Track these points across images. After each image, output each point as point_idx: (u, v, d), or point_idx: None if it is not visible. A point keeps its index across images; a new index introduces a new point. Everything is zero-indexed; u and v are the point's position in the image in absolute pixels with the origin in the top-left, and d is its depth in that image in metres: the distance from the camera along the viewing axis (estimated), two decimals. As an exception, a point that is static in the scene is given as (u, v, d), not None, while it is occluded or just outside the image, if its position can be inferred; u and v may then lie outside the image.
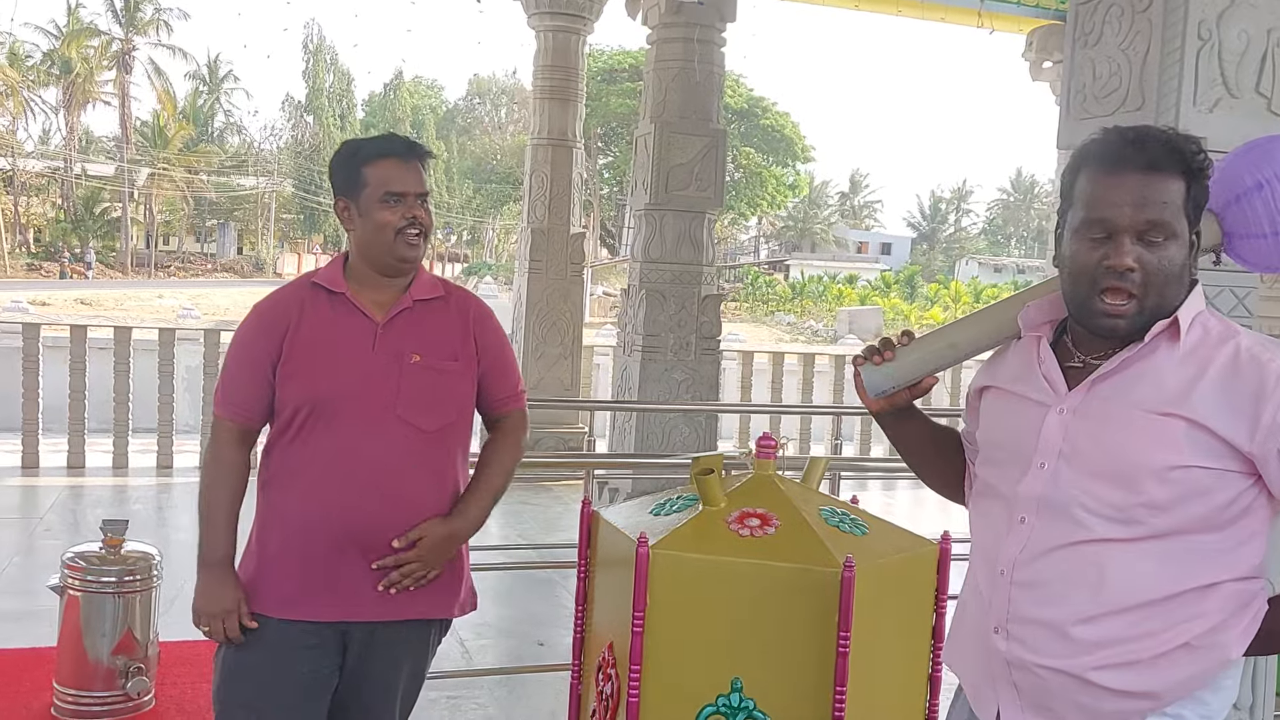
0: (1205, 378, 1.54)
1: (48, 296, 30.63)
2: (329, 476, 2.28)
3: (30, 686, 3.94)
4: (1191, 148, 1.58)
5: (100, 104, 52.53)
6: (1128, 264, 1.53)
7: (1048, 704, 1.65)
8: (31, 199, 50.66)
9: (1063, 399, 1.64)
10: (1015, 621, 1.64)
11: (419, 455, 2.33)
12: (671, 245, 7.15)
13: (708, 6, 6.94)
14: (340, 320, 2.34)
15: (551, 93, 8.93)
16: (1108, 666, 1.58)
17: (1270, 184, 1.66)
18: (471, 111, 62.27)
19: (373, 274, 2.37)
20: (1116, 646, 1.58)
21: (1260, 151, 1.71)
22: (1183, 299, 1.59)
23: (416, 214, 2.31)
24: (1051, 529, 1.61)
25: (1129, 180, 1.54)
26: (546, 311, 9.04)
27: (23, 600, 4.92)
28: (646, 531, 2.44)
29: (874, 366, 1.79)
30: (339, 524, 2.27)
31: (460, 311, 2.44)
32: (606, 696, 2.59)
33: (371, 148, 2.35)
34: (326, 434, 2.29)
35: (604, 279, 41.47)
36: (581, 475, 6.06)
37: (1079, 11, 2.75)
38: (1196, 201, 1.58)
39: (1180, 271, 1.57)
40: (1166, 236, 1.54)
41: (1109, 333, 1.59)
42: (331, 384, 2.29)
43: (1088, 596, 1.58)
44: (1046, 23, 9.70)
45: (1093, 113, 2.69)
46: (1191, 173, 1.56)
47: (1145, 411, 1.56)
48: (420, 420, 2.32)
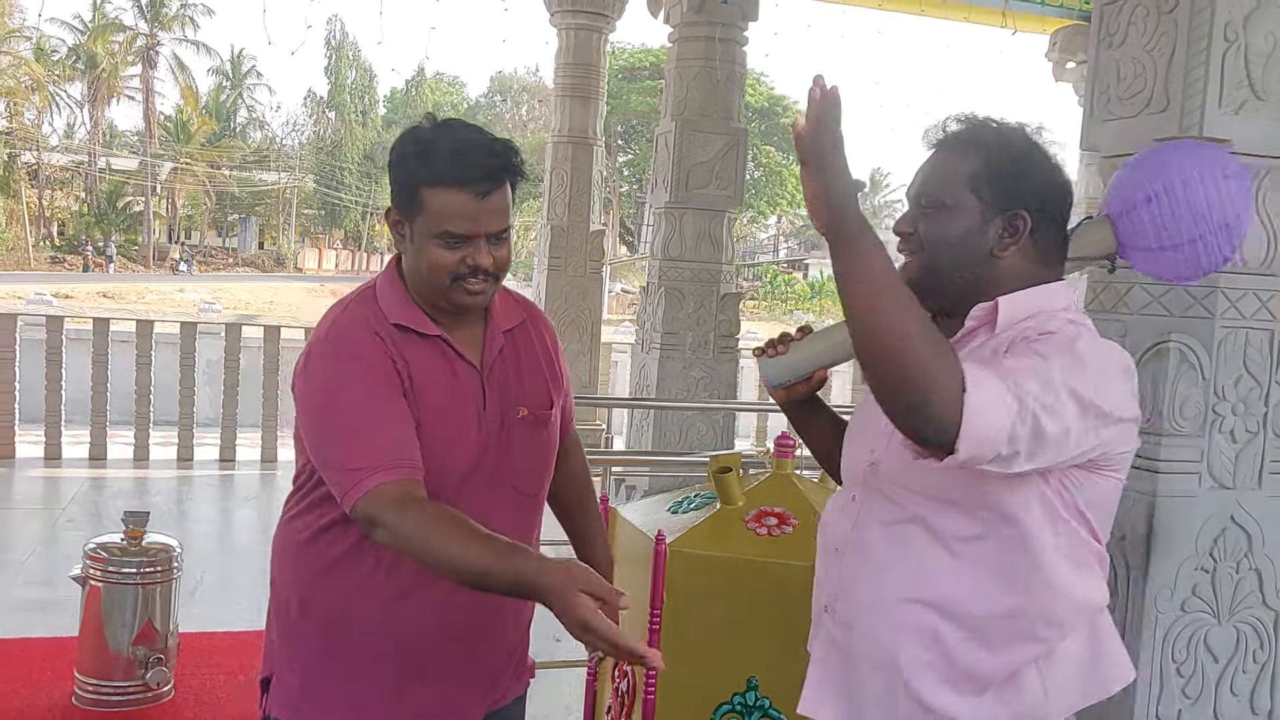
0: (994, 350, 1.54)
1: (70, 289, 30.88)
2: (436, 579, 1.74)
3: (52, 675, 3.98)
4: (987, 133, 1.61)
5: (124, 99, 52.88)
6: (900, 228, 1.63)
7: (855, 699, 1.64)
8: (55, 192, 51.04)
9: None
10: (845, 600, 1.65)
11: (529, 528, 1.93)
12: (691, 243, 7.14)
13: (730, 5, 6.93)
14: (447, 370, 1.82)
15: (573, 90, 8.93)
16: (928, 666, 1.56)
17: (1159, 198, 1.65)
18: (493, 108, 62.33)
19: (428, 305, 1.84)
20: (934, 642, 1.56)
21: (1153, 162, 1.70)
22: (990, 279, 1.58)
23: (482, 264, 1.76)
24: (876, 507, 1.62)
25: (926, 158, 1.65)
26: (565, 309, 9.05)
27: (45, 590, 4.97)
28: (664, 529, 2.45)
29: (769, 360, 1.81)
30: (452, 624, 1.84)
31: (542, 338, 2.00)
32: (622, 693, 2.59)
33: (438, 168, 1.73)
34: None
35: (622, 276, 41.47)
36: (598, 472, 6.08)
37: (1104, 12, 2.74)
38: (995, 179, 1.57)
39: (960, 243, 1.57)
40: (933, 206, 1.59)
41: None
42: (451, 450, 1.79)
43: (905, 578, 1.58)
44: (1070, 23, 9.65)
45: (1117, 114, 2.68)
46: (991, 150, 1.59)
47: None
48: (529, 486, 1.92)
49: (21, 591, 5.04)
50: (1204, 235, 1.65)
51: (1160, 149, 1.73)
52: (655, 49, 39.47)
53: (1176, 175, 1.65)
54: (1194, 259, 1.67)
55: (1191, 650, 2.59)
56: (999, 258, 1.59)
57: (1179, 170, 1.66)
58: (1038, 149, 1.62)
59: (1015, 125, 1.63)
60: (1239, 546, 2.60)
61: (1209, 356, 2.53)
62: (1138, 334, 2.61)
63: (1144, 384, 2.58)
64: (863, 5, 9.17)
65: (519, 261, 49.35)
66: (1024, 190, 1.59)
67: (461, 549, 1.59)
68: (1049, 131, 1.65)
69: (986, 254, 1.59)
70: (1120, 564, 2.62)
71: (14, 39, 45.27)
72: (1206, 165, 1.67)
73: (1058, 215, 1.62)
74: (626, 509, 2.80)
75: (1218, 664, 2.62)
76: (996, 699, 1.56)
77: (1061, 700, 1.59)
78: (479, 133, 1.80)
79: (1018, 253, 1.59)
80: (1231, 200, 1.65)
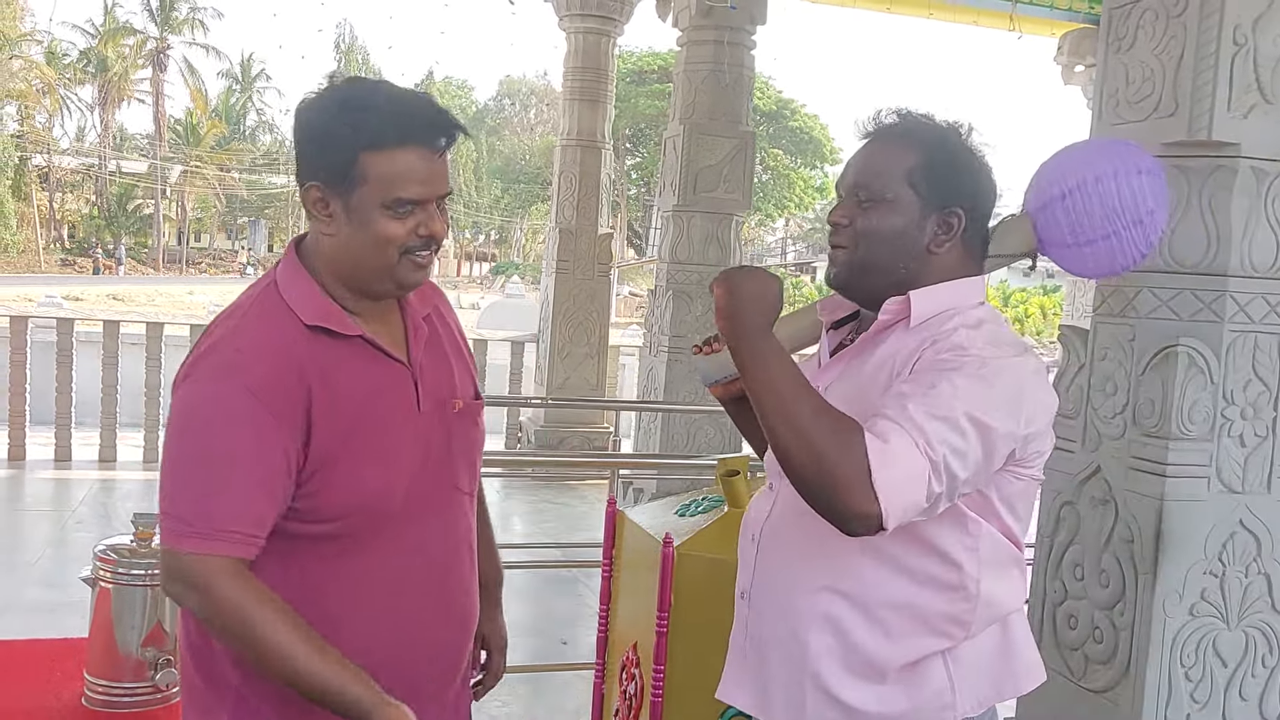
0: (912, 348, 1.55)
1: (81, 291, 30.98)
2: (393, 595, 1.61)
3: (61, 676, 3.99)
4: (925, 129, 1.62)
5: (135, 102, 53.12)
6: (834, 219, 1.64)
7: (766, 686, 1.64)
8: (66, 195, 51.24)
9: (818, 376, 1.67)
10: (759, 586, 1.66)
11: (469, 530, 1.76)
12: (699, 246, 7.15)
13: (738, 9, 6.93)
14: (372, 376, 1.59)
15: (581, 94, 8.95)
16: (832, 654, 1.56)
17: (1072, 194, 1.65)
18: (501, 112, 62.43)
19: (351, 294, 1.61)
20: (839, 629, 1.56)
21: (1069, 159, 1.71)
22: (921, 274, 1.59)
23: (435, 229, 1.57)
24: (790, 496, 1.58)
25: (859, 149, 1.66)
26: (573, 311, 9.06)
27: (55, 592, 4.99)
28: (672, 532, 2.45)
29: (704, 357, 1.82)
30: (412, 650, 1.64)
31: (449, 323, 1.80)
32: (630, 696, 2.60)
33: (383, 129, 1.51)
34: (376, 544, 1.59)
35: (630, 279, 41.49)
36: (606, 475, 6.08)
37: (1112, 16, 2.74)
38: (933, 175, 1.59)
39: (897, 238, 1.59)
40: (873, 199, 1.60)
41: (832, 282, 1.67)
42: (394, 472, 1.59)
43: (816, 566, 1.58)
44: (1079, 26, 9.63)
45: (1125, 118, 2.68)
46: (929, 146, 1.60)
47: (872, 384, 1.57)
48: (466, 483, 1.74)
49: (32, 593, 5.05)
50: (1117, 231, 1.65)
51: (1078, 145, 1.74)
52: (663, 52, 39.46)
53: (1089, 171, 1.65)
54: (1109, 255, 1.67)
55: (1200, 654, 2.59)
56: (934, 254, 1.61)
57: (1091, 166, 1.66)
58: (970, 148, 1.64)
59: (950, 123, 1.65)
60: (1248, 551, 2.59)
61: (1218, 360, 2.53)
62: (1146, 338, 2.61)
63: (1152, 387, 2.58)
64: (871, 8, 9.17)
65: (527, 264, 49.11)
66: (961, 188, 1.61)
67: (307, 658, 1.47)
68: (979, 133, 1.67)
69: (922, 250, 1.60)
70: (1129, 567, 2.62)
71: (25, 43, 45.46)
72: (1120, 161, 1.66)
73: (986, 215, 1.66)
74: (634, 512, 2.80)
75: (1226, 668, 2.61)
76: (899, 688, 1.56)
77: (971, 693, 1.58)
78: (407, 89, 1.59)
79: (949, 250, 1.62)
80: (1145, 196, 1.65)
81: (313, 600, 1.56)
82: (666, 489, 6.35)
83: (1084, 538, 2.78)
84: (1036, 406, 1.51)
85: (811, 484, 1.39)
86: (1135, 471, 2.61)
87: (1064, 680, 2.81)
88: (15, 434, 7.86)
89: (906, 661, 1.55)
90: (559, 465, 8.25)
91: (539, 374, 9.33)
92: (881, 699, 1.55)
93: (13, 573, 5.34)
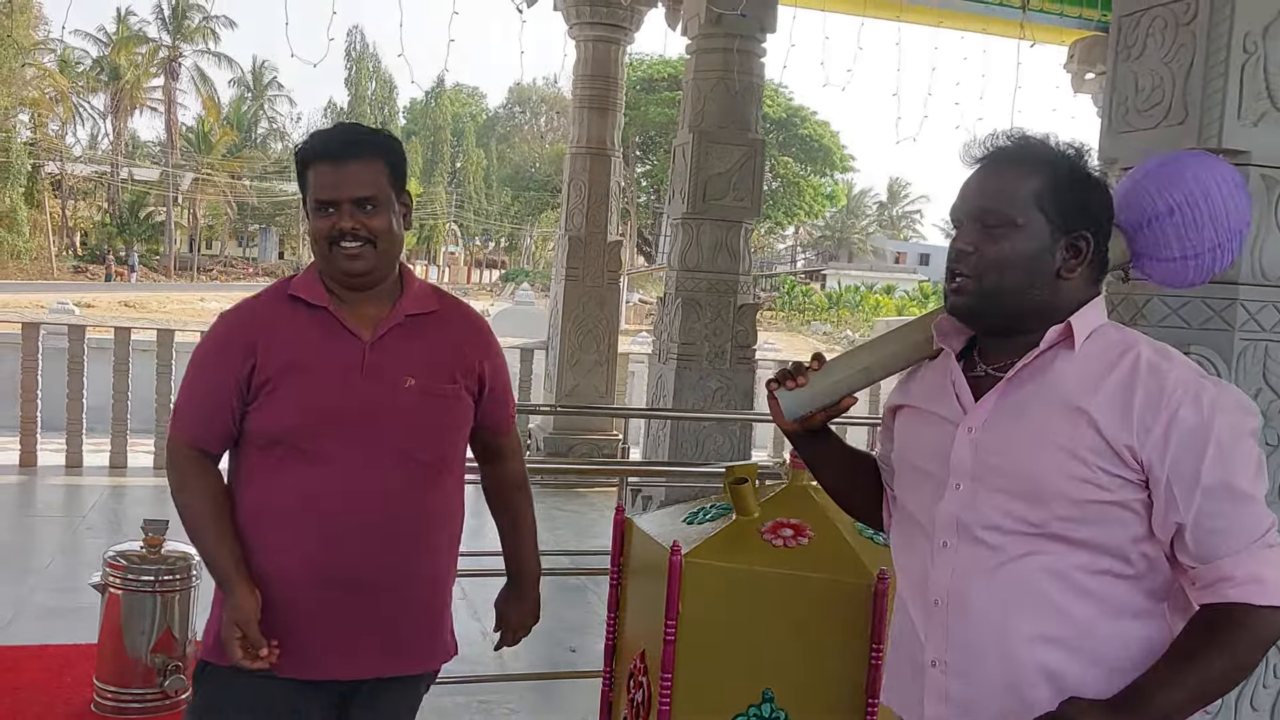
0: (1107, 380, 1.52)
1: (93, 298, 31.12)
2: (316, 519, 2.00)
3: (71, 682, 4.00)
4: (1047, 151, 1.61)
5: (147, 110, 53.36)
6: (960, 246, 1.61)
7: None
8: (78, 202, 51.54)
9: (970, 415, 1.61)
10: (958, 652, 1.59)
11: (419, 490, 2.07)
12: (708, 254, 7.14)
13: (748, 18, 6.93)
14: (323, 340, 2.04)
15: (591, 102, 8.97)
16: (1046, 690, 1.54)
17: (1181, 209, 1.66)
18: (511, 119, 62.64)
19: (336, 285, 2.08)
20: (1066, 684, 1.53)
21: (1169, 172, 1.71)
22: (1053, 299, 1.58)
23: (344, 227, 2.00)
24: (976, 552, 1.57)
25: (975, 173, 1.63)
26: (582, 319, 9.07)
27: (65, 597, 5.00)
28: (680, 540, 2.45)
29: (788, 391, 1.75)
30: (329, 572, 2.01)
31: (459, 327, 2.19)
32: (638, 704, 2.59)
33: (307, 148, 2.06)
34: (310, 471, 2.01)
35: (640, 286, 41.53)
36: (615, 482, 6.07)
37: (1122, 24, 2.74)
38: (1061, 198, 1.57)
39: (1030, 263, 1.57)
40: (1003, 224, 1.57)
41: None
42: (314, 414, 2.01)
43: (1024, 620, 1.54)
44: (1089, 34, 9.62)
45: (1135, 126, 2.67)
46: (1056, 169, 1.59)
47: (1048, 415, 1.54)
48: (417, 450, 2.06)
49: (43, 598, 5.07)
50: (1222, 243, 1.68)
51: (1168, 160, 1.74)
52: (673, 60, 39.53)
53: (1196, 186, 1.67)
54: (1210, 265, 1.70)
55: (1211, 665, 2.57)
56: (1065, 279, 1.58)
57: (1198, 181, 1.68)
58: (1091, 170, 1.63)
59: (1067, 144, 1.63)
60: (1259, 560, 2.58)
61: (1228, 369, 2.52)
62: (1156, 346, 2.60)
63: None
64: (881, 17, 9.17)
65: (537, 271, 49.15)
66: (1088, 211, 1.59)
67: (211, 531, 2.01)
68: (1091, 154, 1.65)
69: (1053, 275, 1.58)
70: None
71: (39, 51, 45.72)
72: (1222, 176, 1.69)
73: (1109, 236, 1.64)
74: (642, 520, 2.80)
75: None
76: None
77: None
78: (353, 125, 2.15)
79: (1079, 274, 1.59)
80: (1245, 208, 1.70)
81: (253, 497, 2.05)
82: (675, 496, 6.35)
83: (1094, 546, 2.77)
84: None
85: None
86: (1145, 480, 2.61)
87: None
88: (27, 440, 7.89)
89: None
90: (567, 472, 8.26)
91: (548, 381, 9.34)
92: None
93: (24, 578, 5.36)
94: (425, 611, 2.13)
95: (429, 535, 2.11)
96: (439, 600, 2.16)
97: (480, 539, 2.95)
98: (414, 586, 2.09)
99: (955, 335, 1.69)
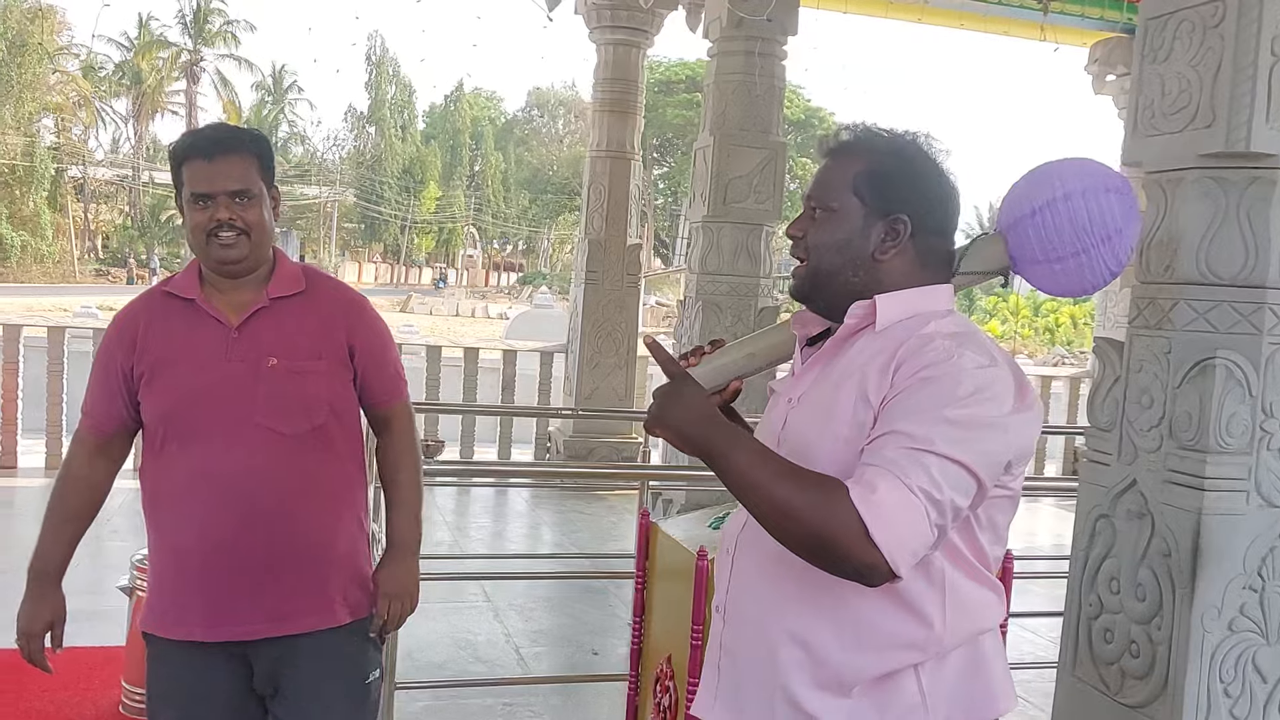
0: (890, 353, 1.54)
1: (115, 302, 31.30)
2: (192, 494, 2.17)
3: (99, 684, 4.04)
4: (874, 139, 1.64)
5: (168, 114, 53.75)
6: (791, 232, 1.67)
7: (739, 700, 1.62)
8: (101, 206, 51.90)
9: (790, 388, 1.68)
10: (732, 600, 1.66)
11: (286, 462, 2.19)
12: (729, 257, 7.15)
13: (770, 20, 6.93)
14: (192, 330, 2.21)
15: (611, 105, 8.98)
16: (801, 666, 1.54)
17: (1041, 211, 1.65)
18: (529, 123, 62.72)
19: (211, 274, 2.24)
20: (810, 643, 1.54)
21: (1038, 177, 1.70)
22: (870, 282, 1.60)
23: (220, 218, 2.16)
24: None
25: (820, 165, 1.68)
26: (602, 322, 9.08)
27: (92, 600, 5.03)
28: (705, 545, 2.45)
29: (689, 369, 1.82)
30: (206, 541, 2.17)
31: (327, 304, 2.30)
32: (664, 708, 2.60)
33: (180, 146, 2.22)
34: (186, 449, 2.18)
35: (657, 289, 41.51)
36: (634, 485, 6.08)
37: (1148, 27, 2.72)
38: (878, 182, 1.60)
39: (844, 247, 1.61)
40: (823, 209, 1.63)
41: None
42: (184, 398, 2.18)
43: (785, 583, 1.56)
44: (1110, 36, 9.58)
45: (1161, 129, 2.66)
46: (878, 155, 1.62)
47: (835, 386, 1.57)
48: (282, 425, 2.18)
49: (70, 601, 5.06)
50: (1087, 249, 1.65)
51: (1047, 164, 1.74)
52: (691, 62, 39.53)
53: (1059, 189, 1.65)
54: (1079, 272, 1.67)
55: (1239, 670, 2.56)
56: (880, 261, 1.61)
57: (1061, 184, 1.66)
58: (923, 155, 1.64)
59: (903, 132, 1.66)
60: (1288, 566, 2.56)
61: (1256, 373, 2.50)
62: (1183, 351, 2.59)
63: (1189, 400, 2.56)
64: (902, 19, 9.16)
65: (554, 274, 49.15)
66: (906, 194, 1.61)
67: (49, 520, 2.30)
68: (937, 141, 1.66)
69: (869, 257, 1.61)
70: (1166, 581, 2.59)
71: (62, 56, 46.11)
72: (1089, 179, 1.66)
73: (941, 221, 1.65)
74: (667, 524, 2.81)
75: (1266, 684, 2.58)
76: (868, 701, 1.53)
77: (945, 709, 1.55)
78: (223, 124, 2.41)
79: (898, 256, 1.61)
80: (1114, 214, 1.65)
81: (149, 482, 2.25)
82: (696, 501, 6.35)
83: (1120, 551, 2.76)
84: (1023, 422, 1.50)
85: (816, 556, 1.41)
86: (1172, 485, 2.59)
87: (1100, 695, 2.78)
88: (52, 443, 7.96)
89: (876, 674, 1.53)
90: (590, 477, 8.26)
91: (568, 384, 9.35)
92: (851, 713, 1.53)
93: (50, 580, 5.40)
94: (298, 576, 2.21)
95: (299, 505, 2.20)
96: (315, 566, 2.24)
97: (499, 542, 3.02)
98: (285, 553, 2.19)
99: (814, 323, 1.74)
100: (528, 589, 5.62)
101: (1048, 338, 29.07)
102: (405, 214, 57.56)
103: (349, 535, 2.30)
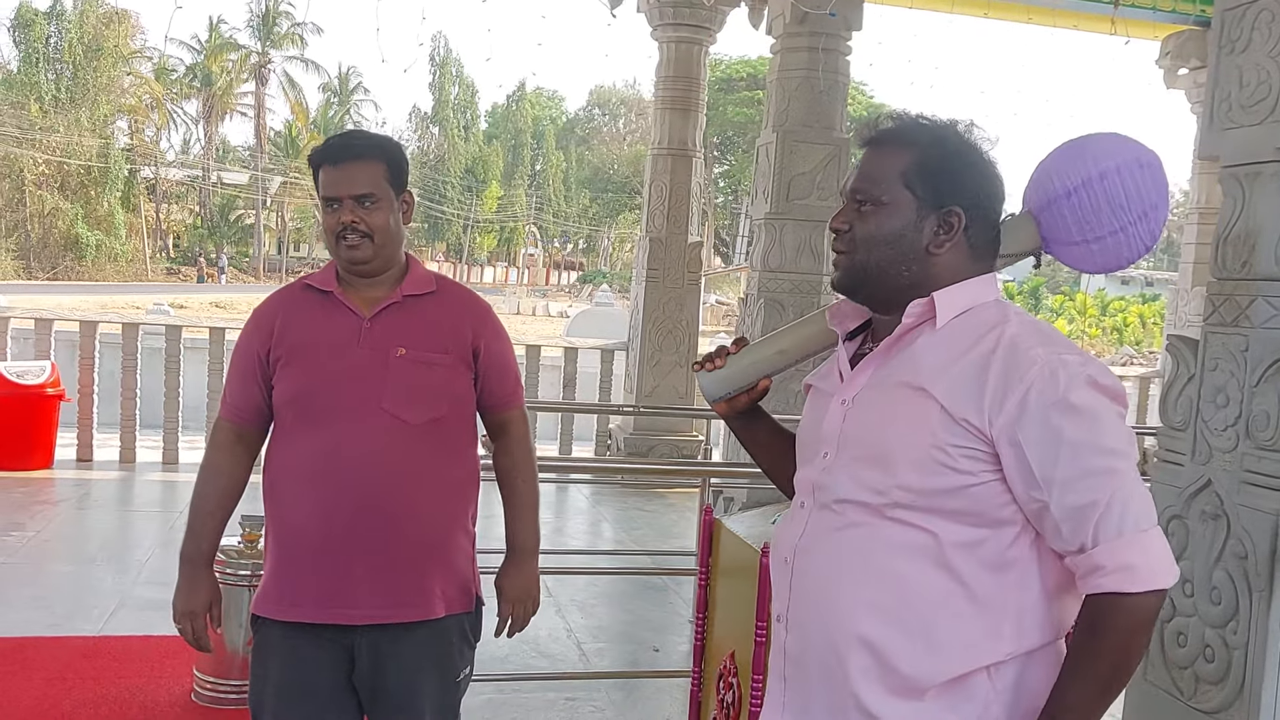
0: (964, 358, 1.50)
1: (185, 299, 32.01)
2: (314, 475, 2.24)
3: (173, 673, 4.13)
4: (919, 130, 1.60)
5: (237, 115, 54.74)
6: (835, 225, 1.63)
7: (808, 710, 1.59)
8: (171, 206, 53.00)
9: (844, 388, 1.63)
10: (795, 609, 1.61)
11: (407, 449, 2.25)
12: (791, 255, 7.10)
13: (835, 16, 6.88)
14: (328, 319, 2.31)
15: (673, 103, 8.98)
16: (870, 674, 1.51)
17: (1077, 191, 1.62)
18: (590, 122, 62.91)
19: (346, 273, 2.35)
20: (879, 653, 1.51)
21: (1069, 156, 1.66)
22: (925, 276, 1.57)
23: (345, 220, 2.26)
24: (824, 515, 1.58)
25: (861, 155, 1.64)
26: (662, 320, 9.09)
27: (165, 590, 5.11)
28: (769, 542, 2.45)
29: (707, 373, 1.82)
30: (325, 521, 2.23)
31: (455, 305, 2.39)
32: (728, 705, 2.60)
33: (314, 153, 2.34)
34: (312, 432, 2.25)
35: (717, 287, 41.42)
36: (695, 483, 6.07)
37: (1225, 18, 2.66)
38: (928, 175, 1.56)
39: (896, 241, 1.57)
40: (870, 203, 1.59)
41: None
42: (314, 381, 2.27)
43: (853, 584, 1.53)
44: (1183, 28, 9.37)
45: (1239, 122, 2.60)
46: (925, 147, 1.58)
47: (901, 391, 1.53)
48: (406, 413, 2.25)
49: (143, 591, 5.23)
50: (1124, 227, 1.63)
51: (1076, 141, 1.70)
52: (753, 60, 39.38)
53: (1093, 168, 1.62)
54: (1116, 250, 1.65)
55: (1318, 677, 2.49)
56: (934, 255, 1.58)
57: (1095, 163, 1.63)
58: (971, 145, 1.61)
59: (948, 122, 1.62)
60: (1370, 570, 2.49)
61: (1338, 372, 2.44)
62: (1260, 349, 2.53)
63: (1267, 399, 2.50)
64: (969, 13, 9.04)
65: (614, 272, 49.17)
66: (959, 187, 1.58)
67: (200, 507, 2.37)
68: (981, 129, 1.63)
69: (922, 251, 1.58)
70: (1241, 584, 2.54)
71: (136, 59, 47.18)
72: (1121, 155, 1.63)
73: (991, 212, 1.62)
74: (730, 521, 2.80)
75: (1347, 692, 2.51)
76: (940, 704, 1.50)
77: (1015, 711, 1.52)
78: (355, 130, 2.49)
79: (952, 250, 1.58)
80: (1148, 189, 1.63)
81: (273, 465, 2.30)
82: (757, 499, 6.33)
83: (1193, 553, 2.70)
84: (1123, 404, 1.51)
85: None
86: (1249, 486, 2.54)
87: (1173, 699, 2.73)
88: (126, 438, 8.15)
89: (947, 678, 1.50)
90: (653, 474, 8.27)
91: (628, 381, 9.37)
92: (923, 715, 1.51)
93: (125, 572, 5.54)
94: (409, 564, 2.26)
95: (416, 494, 2.26)
96: (425, 556, 2.28)
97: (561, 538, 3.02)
98: (398, 540, 2.24)
99: (853, 316, 1.71)
100: (589, 585, 5.64)
101: (1115, 337, 28.49)
102: (467, 213, 58.06)
103: (458, 531, 2.34)
